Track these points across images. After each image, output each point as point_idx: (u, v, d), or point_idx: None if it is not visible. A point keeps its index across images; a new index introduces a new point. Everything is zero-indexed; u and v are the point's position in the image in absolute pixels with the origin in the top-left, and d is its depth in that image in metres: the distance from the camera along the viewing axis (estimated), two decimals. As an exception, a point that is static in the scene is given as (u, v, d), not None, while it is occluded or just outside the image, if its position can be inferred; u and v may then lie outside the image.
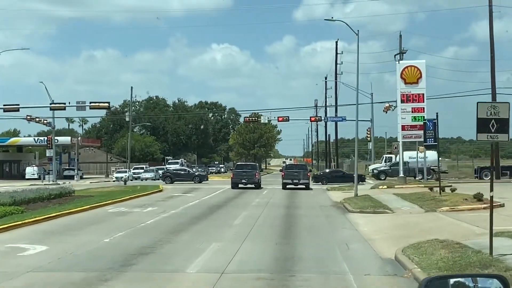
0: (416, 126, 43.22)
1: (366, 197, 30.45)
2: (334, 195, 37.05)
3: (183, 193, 39.26)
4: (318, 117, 71.73)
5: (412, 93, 43.32)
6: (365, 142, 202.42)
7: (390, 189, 39.38)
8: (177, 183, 55.10)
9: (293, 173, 43.41)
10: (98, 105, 46.39)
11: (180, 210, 26.01)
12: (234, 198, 34.09)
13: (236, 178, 43.82)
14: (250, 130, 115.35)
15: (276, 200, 33.01)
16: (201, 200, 32.62)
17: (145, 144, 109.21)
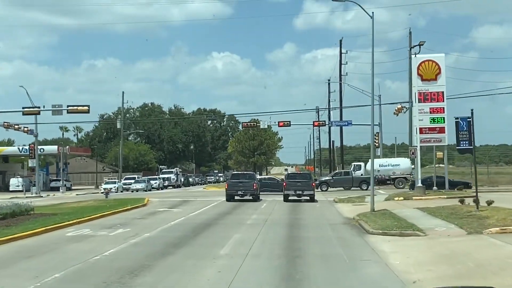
0: (435, 129, 38.09)
1: (385, 212, 25.26)
2: (344, 208, 31.89)
3: (170, 207, 34.08)
4: (322, 122, 66.58)
5: (430, 91, 38.15)
6: (366, 149, 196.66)
7: (408, 201, 34.22)
8: (164, 195, 49.94)
9: (296, 183, 38.24)
10: (77, 108, 41.35)
11: (155, 233, 20.81)
12: (226, 214, 28.89)
13: (231, 190, 38.65)
14: (249, 137, 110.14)
15: (276, 216, 27.84)
16: (187, 217, 27.42)
17: (139, 153, 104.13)
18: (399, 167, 56.06)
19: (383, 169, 55.54)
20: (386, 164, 56.80)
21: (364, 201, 36.03)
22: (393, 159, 62.58)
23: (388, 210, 26.03)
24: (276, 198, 41.45)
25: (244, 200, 38.93)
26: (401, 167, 55.74)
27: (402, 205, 30.98)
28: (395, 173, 55.80)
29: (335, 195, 45.39)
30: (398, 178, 55.71)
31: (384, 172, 55.52)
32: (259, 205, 35.65)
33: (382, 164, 56.54)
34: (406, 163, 57.12)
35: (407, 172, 55.87)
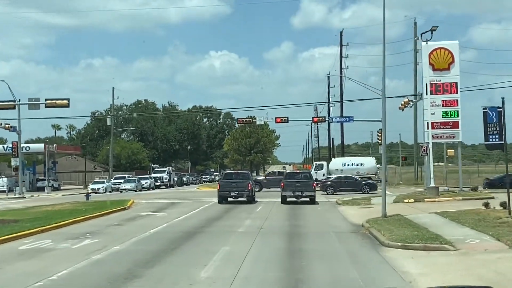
0: (448, 124, 34.64)
1: (399, 218, 21.77)
2: (349, 212, 28.42)
3: (154, 211, 30.56)
4: (321, 118, 63.07)
5: (442, 82, 34.67)
6: (367, 146, 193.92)
7: (420, 203, 30.77)
8: (153, 196, 46.44)
9: (295, 183, 34.73)
10: (55, 102, 37.82)
11: (127, 246, 17.29)
12: (216, 220, 25.36)
13: (223, 191, 35.13)
14: (246, 135, 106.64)
15: (273, 221, 24.34)
16: (170, 223, 23.90)
17: (132, 151, 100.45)
18: (363, 166, 53.69)
19: (347, 168, 53.30)
20: (349, 163, 54.36)
21: (370, 204, 32.64)
22: (357, 158, 59.87)
23: (402, 216, 22.54)
24: (272, 200, 37.96)
25: (237, 202, 35.46)
26: (366, 166, 53.34)
27: (415, 208, 27.50)
28: (359, 172, 53.37)
29: (336, 196, 41.95)
30: (362, 178, 52.95)
31: (348, 171, 53.13)
32: (254, 208, 32.16)
33: (345, 163, 54.28)
34: (371, 162, 54.66)
35: (371, 172, 53.63)
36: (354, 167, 53.13)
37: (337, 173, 52.58)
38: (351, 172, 52.79)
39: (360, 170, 52.96)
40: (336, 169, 53.31)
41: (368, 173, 53.17)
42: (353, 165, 53.54)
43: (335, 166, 53.82)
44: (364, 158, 58.98)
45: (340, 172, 52.34)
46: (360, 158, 58.88)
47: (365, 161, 55.64)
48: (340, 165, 53.49)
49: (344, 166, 53.21)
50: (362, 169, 52.80)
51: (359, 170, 52.96)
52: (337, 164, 54.33)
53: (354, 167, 53.24)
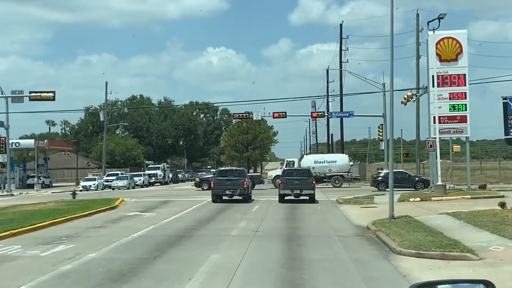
0: (456, 118, 32.65)
1: (409, 220, 19.77)
2: (351, 212, 26.44)
3: (142, 211, 28.53)
4: (320, 113, 61.04)
5: (449, 73, 32.66)
6: (365, 143, 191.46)
7: (427, 203, 28.79)
8: (144, 194, 44.42)
9: (293, 181, 32.71)
10: (40, 95, 35.74)
11: (104, 253, 15.26)
12: (208, 221, 23.34)
13: (217, 189, 33.10)
14: (243, 131, 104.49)
15: (269, 223, 22.33)
16: (157, 226, 21.87)
17: (126, 147, 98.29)
18: (335, 164, 51.92)
19: (319, 166, 51.60)
20: (321, 160, 52.56)
21: (373, 203, 30.69)
22: (329, 155, 57.84)
23: (411, 217, 20.54)
24: (271, 198, 36.01)
25: (233, 200, 33.46)
26: (338, 164, 51.62)
27: (423, 208, 25.51)
28: (332, 170, 51.78)
29: (336, 194, 40.02)
30: (334, 176, 51.81)
31: (320, 169, 51.43)
32: (250, 207, 30.15)
33: (317, 160, 52.51)
34: (344, 159, 52.86)
35: (344, 170, 52.06)
36: (326, 165, 51.59)
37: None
38: (323, 170, 51.33)
39: (332, 168, 51.41)
40: (307, 166, 51.80)
41: (340, 171, 51.60)
42: (325, 163, 51.93)
43: (307, 163, 52.13)
44: (336, 155, 57.09)
45: (313, 170, 50.90)
46: (332, 155, 56.95)
47: (338, 158, 53.85)
48: (312, 163, 51.78)
49: (316, 164, 51.49)
50: (335, 166, 51.20)
51: (331, 167, 51.41)
52: (308, 161, 52.57)
53: (326, 164, 51.69)
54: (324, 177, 51.73)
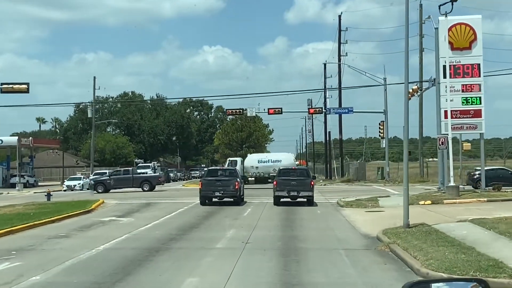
0: (469, 112, 29.62)
1: (428, 230, 16.69)
2: (355, 217, 23.41)
3: (120, 215, 25.40)
4: (318, 109, 57.99)
5: (462, 63, 29.63)
6: (361, 142, 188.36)
7: (438, 206, 25.78)
8: (129, 195, 41.30)
9: (290, 181, 29.65)
10: (12, 87, 32.58)
11: (51, 276, 12.10)
12: (191, 229, 20.20)
13: (206, 190, 30.00)
14: (237, 129, 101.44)
15: (263, 231, 19.24)
16: (133, 234, 18.76)
17: (117, 146, 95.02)
18: (280, 163, 49.06)
19: (262, 165, 49.10)
20: (266, 160, 49.89)
21: (379, 206, 27.68)
22: (274, 154, 54.97)
23: (430, 226, 17.49)
24: (264, 200, 32.96)
25: (223, 203, 30.40)
26: (283, 163, 48.90)
27: (438, 213, 22.47)
28: (276, 170, 48.38)
29: (334, 195, 37.04)
30: None
31: (264, 169, 48.99)
32: (242, 210, 27.06)
33: (261, 159, 49.85)
34: (289, 158, 50.23)
35: None
36: (271, 164, 49.03)
37: (253, 170, 48.71)
38: (267, 170, 48.83)
39: (277, 167, 48.62)
40: (251, 166, 49.15)
41: None
42: (270, 162, 49.33)
43: (251, 163, 49.41)
44: (281, 155, 54.29)
45: (256, 169, 48.32)
46: (277, 154, 54.05)
47: (283, 157, 51.20)
48: (255, 162, 49.17)
49: (259, 163, 49.14)
50: (280, 166, 48.47)
51: (275, 167, 48.66)
52: (252, 160, 49.86)
53: (270, 164, 49.14)
54: (269, 177, 48.92)
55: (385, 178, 53.62)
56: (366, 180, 56.49)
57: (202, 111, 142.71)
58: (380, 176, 55.76)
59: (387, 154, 53.66)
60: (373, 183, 52.66)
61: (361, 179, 56.41)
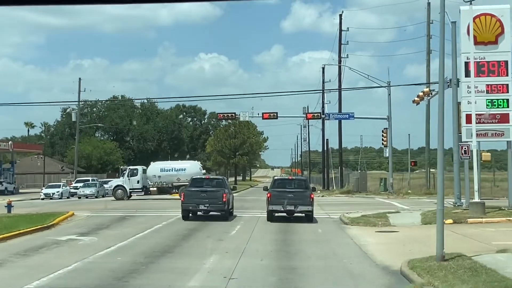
0: (495, 116, 25.61)
1: (471, 265, 12.60)
2: (365, 239, 19.42)
3: (84, 233, 21.21)
4: (316, 114, 54.06)
5: (486, 60, 25.69)
6: (357, 151, 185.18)
7: (462, 226, 21.77)
8: (108, 205, 37.21)
9: (286, 194, 25.57)
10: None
11: None
12: (162, 255, 16.02)
13: (188, 203, 25.87)
14: (230, 135, 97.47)
15: (253, 259, 15.16)
16: (85, 262, 14.59)
17: (104, 151, 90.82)
18: (185, 172, 45.52)
19: (165, 174, 45.67)
20: (169, 168, 46.36)
21: (390, 224, 23.70)
22: (178, 162, 51.35)
23: (471, 259, 13.41)
24: (256, 214, 28.93)
25: (209, 217, 26.36)
26: (188, 172, 45.12)
27: (467, 237, 18.42)
28: (180, 179, 45.32)
29: (335, 208, 33.09)
30: (183, 186, 45.09)
31: (167, 178, 45.50)
32: (229, 228, 22.97)
33: (164, 168, 46.46)
34: (194, 167, 46.66)
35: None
36: (175, 173, 45.65)
37: (155, 179, 45.40)
38: (171, 179, 45.40)
39: (181, 177, 45.24)
40: (153, 175, 45.61)
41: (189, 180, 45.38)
42: (173, 171, 45.95)
43: (153, 172, 45.97)
44: (186, 163, 50.73)
45: (159, 179, 45.29)
46: (181, 163, 50.43)
47: (187, 166, 47.68)
48: (158, 171, 45.73)
49: (162, 172, 45.75)
50: (184, 175, 44.89)
51: (179, 176, 45.39)
52: (155, 169, 46.37)
53: (174, 173, 45.74)
54: (172, 187, 45.75)
55: (388, 190, 49.67)
56: (368, 192, 52.51)
57: (195, 117, 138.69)
58: (382, 188, 51.79)
59: (390, 164, 49.68)
60: (375, 195, 48.72)
61: (362, 191, 52.42)
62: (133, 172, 47.78)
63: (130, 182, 46.80)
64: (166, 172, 45.91)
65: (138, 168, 48.64)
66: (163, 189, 45.95)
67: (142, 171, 47.45)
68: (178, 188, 45.19)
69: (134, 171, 47.98)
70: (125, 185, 46.87)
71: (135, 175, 47.26)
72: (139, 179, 47.01)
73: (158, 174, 45.60)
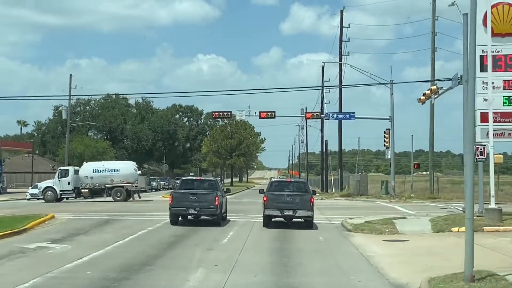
0: (511, 115, 23.49)
1: (508, 287, 10.48)
2: (371, 248, 17.34)
3: (59, 240, 18.97)
4: (316, 113, 51.94)
5: (504, 53, 23.54)
6: (354, 153, 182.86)
7: (479, 235, 19.48)
8: (94, 207, 35.00)
9: (284, 197, 23.41)
10: None
11: None
12: (141, 268, 13.82)
13: (177, 206, 23.68)
14: (226, 135, 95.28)
15: (246, 275, 13.04)
16: (54, 275, 12.41)
17: (97, 151, 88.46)
18: (118, 173, 43.73)
19: (98, 175, 43.46)
20: (102, 169, 44.19)
21: (398, 232, 21.59)
22: (111, 163, 49.40)
23: (505, 279, 11.27)
24: (252, 219, 26.83)
25: (199, 222, 24.23)
26: (122, 173, 43.63)
27: (488, 248, 16.29)
28: (114, 180, 43.53)
29: (334, 213, 31.07)
30: (116, 188, 43.49)
31: (99, 179, 43.41)
32: (221, 234, 20.80)
33: (97, 169, 44.16)
34: (129, 168, 44.82)
35: (129, 180, 43.83)
36: (108, 174, 43.58)
37: (87, 181, 43.27)
38: (104, 181, 43.44)
39: (114, 178, 43.43)
40: (85, 176, 43.49)
41: (124, 181, 43.51)
42: (106, 172, 43.77)
43: (85, 172, 43.85)
44: (120, 163, 48.74)
45: (91, 180, 43.14)
46: (115, 163, 48.42)
47: (121, 166, 45.72)
48: (90, 172, 43.54)
49: (95, 173, 43.57)
50: (117, 176, 43.34)
51: (113, 177, 43.47)
52: (87, 170, 44.19)
53: (107, 173, 43.64)
54: (105, 188, 43.75)
55: (389, 193, 47.55)
56: (368, 195, 50.39)
57: (192, 117, 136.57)
58: (384, 191, 49.66)
59: (392, 166, 47.50)
60: (376, 199, 46.61)
61: (362, 194, 50.28)
62: (63, 173, 45.01)
63: (60, 184, 43.90)
64: (99, 173, 43.74)
65: (69, 169, 46.01)
66: (95, 191, 43.83)
67: (73, 172, 44.84)
68: (111, 189, 43.37)
69: (65, 172, 45.22)
70: (55, 186, 44.21)
71: (65, 176, 44.48)
72: (70, 180, 44.36)
73: (90, 175, 43.44)
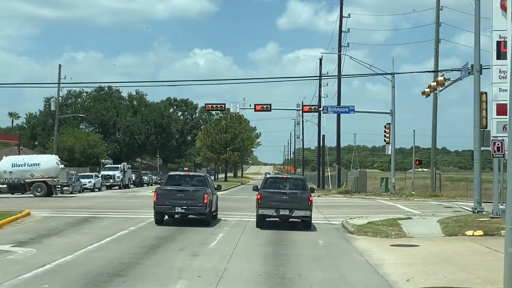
0: (530, 106, 21.43)
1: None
2: (378, 255, 15.30)
3: (22, 243, 16.75)
4: (313, 106, 49.90)
5: (522, 39, 21.57)
6: (350, 149, 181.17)
7: (496, 239, 17.47)
8: (78, 203, 32.89)
9: (280, 195, 21.35)
10: None
11: None
12: (112, 279, 11.70)
13: (162, 204, 21.57)
14: (221, 129, 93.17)
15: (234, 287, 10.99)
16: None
17: (88, 144, 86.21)
18: (39, 167, 42.00)
19: (17, 170, 41.67)
20: (22, 163, 42.47)
21: (405, 234, 19.53)
22: (31, 157, 47.60)
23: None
24: (244, 217, 24.81)
25: (186, 221, 22.18)
26: (43, 167, 41.90)
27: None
28: (34, 175, 41.82)
29: (332, 212, 29.15)
30: (36, 183, 41.65)
31: (19, 174, 41.59)
32: (209, 237, 18.69)
33: (16, 163, 42.30)
34: (50, 162, 43.25)
35: (50, 174, 42.08)
36: (28, 168, 41.78)
37: (6, 175, 41.40)
38: (23, 175, 41.54)
39: (35, 172, 41.71)
40: (4, 170, 41.64)
41: (44, 176, 41.72)
42: (26, 166, 41.96)
43: (4, 167, 41.97)
44: (41, 157, 47.02)
45: (10, 175, 41.30)
46: (35, 157, 46.59)
47: (42, 160, 43.93)
48: (9, 166, 41.74)
49: (14, 167, 41.74)
50: (38, 170, 41.67)
51: (33, 172, 41.71)
52: (6, 164, 42.26)
53: (27, 168, 41.88)
54: (25, 184, 41.92)
55: (389, 190, 45.56)
56: (367, 192, 48.40)
57: (186, 111, 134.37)
58: (384, 188, 47.68)
59: (393, 162, 45.41)
60: (375, 196, 44.65)
61: (361, 191, 48.28)
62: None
63: None
64: (18, 167, 41.77)
65: None
66: (15, 186, 41.75)
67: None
68: (31, 185, 41.31)
69: None
70: None
71: None
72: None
73: (9, 169, 41.47)
